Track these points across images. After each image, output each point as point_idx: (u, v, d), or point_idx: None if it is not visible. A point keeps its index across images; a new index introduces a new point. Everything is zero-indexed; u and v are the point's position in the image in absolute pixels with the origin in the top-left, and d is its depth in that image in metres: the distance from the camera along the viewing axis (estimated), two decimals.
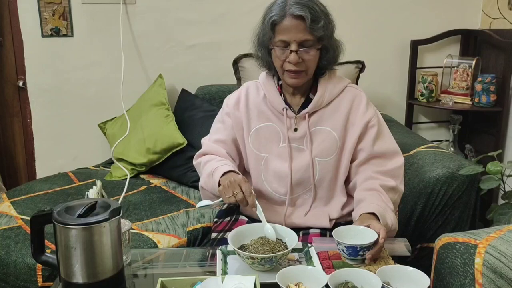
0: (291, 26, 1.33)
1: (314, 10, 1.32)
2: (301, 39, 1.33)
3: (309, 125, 1.41)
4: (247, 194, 1.28)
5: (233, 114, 1.49)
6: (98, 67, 2.47)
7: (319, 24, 1.32)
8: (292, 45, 1.34)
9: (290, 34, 1.33)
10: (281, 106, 1.43)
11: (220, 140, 1.51)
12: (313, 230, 1.43)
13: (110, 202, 1.11)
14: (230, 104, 1.51)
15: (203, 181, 1.47)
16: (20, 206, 1.88)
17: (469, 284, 1.01)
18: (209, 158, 1.48)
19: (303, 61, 1.35)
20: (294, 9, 1.31)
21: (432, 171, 1.60)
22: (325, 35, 1.35)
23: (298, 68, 1.36)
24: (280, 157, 1.43)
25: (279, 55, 1.37)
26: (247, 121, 1.47)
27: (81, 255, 1.04)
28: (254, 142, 1.46)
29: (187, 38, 2.49)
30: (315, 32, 1.32)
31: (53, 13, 2.39)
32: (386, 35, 2.57)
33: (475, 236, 1.07)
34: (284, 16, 1.33)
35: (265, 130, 1.46)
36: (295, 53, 1.33)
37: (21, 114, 2.51)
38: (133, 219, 1.78)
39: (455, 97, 2.47)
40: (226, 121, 1.51)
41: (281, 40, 1.35)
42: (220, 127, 1.52)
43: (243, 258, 1.19)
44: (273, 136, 1.45)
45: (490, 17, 2.52)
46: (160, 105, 2.30)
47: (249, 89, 1.52)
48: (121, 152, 2.25)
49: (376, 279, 1.05)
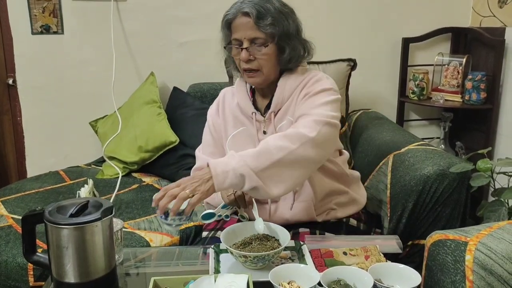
0: (241, 24, 1.35)
1: (263, 7, 1.33)
2: (251, 37, 1.35)
3: (274, 124, 1.43)
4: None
5: (215, 122, 1.54)
6: (89, 64, 2.45)
7: (265, 21, 1.33)
8: (244, 42, 1.36)
9: (240, 32, 1.36)
10: (250, 111, 1.46)
11: (213, 153, 1.54)
12: (302, 229, 1.43)
13: (102, 202, 1.10)
14: (213, 114, 1.56)
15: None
16: (11, 205, 1.87)
17: (460, 281, 1.02)
18: None
19: (255, 59, 1.37)
20: (243, 6, 1.34)
21: (423, 168, 1.61)
22: (277, 32, 1.35)
23: (251, 66, 1.37)
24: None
25: (234, 54, 1.40)
26: (225, 128, 1.51)
27: (73, 254, 1.04)
28: (232, 148, 1.47)
29: (179, 36, 2.48)
30: (262, 29, 1.34)
31: (43, 10, 2.37)
32: (378, 33, 2.58)
33: (465, 234, 1.08)
34: (236, 14, 1.36)
35: (241, 135, 1.48)
36: (245, 50, 1.36)
37: (11, 112, 2.49)
38: (125, 218, 1.77)
39: (446, 94, 2.48)
40: (213, 132, 1.54)
41: (235, 39, 1.38)
42: (209, 139, 1.56)
43: (235, 256, 1.19)
44: (248, 140, 1.47)
45: (480, 15, 2.54)
46: (152, 103, 2.29)
47: (225, 95, 1.56)
48: (112, 151, 2.24)
49: (368, 276, 1.06)
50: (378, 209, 1.74)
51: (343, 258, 1.23)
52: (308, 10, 2.49)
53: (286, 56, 1.39)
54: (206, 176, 1.16)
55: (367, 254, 1.24)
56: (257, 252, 1.18)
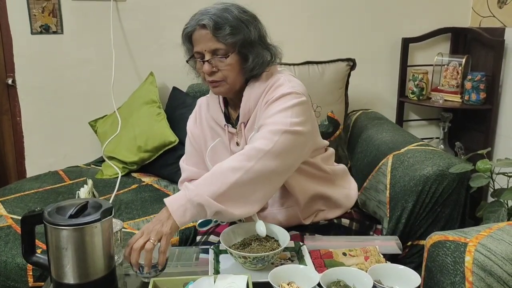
0: (200, 36, 1.32)
1: (221, 17, 1.29)
2: (211, 48, 1.31)
3: (245, 135, 1.40)
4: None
5: (194, 134, 1.53)
6: (88, 64, 2.45)
7: (224, 31, 1.29)
8: (206, 55, 1.33)
9: (200, 45, 1.33)
10: (222, 123, 1.44)
11: (197, 163, 1.53)
12: (292, 231, 1.43)
13: (102, 202, 1.10)
14: (190, 126, 1.55)
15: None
16: (10, 205, 1.86)
17: (460, 282, 1.02)
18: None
19: (219, 71, 1.33)
20: (201, 18, 1.31)
21: (422, 169, 1.61)
22: (237, 41, 1.31)
23: (215, 78, 1.34)
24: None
25: (198, 68, 1.38)
26: (204, 139, 1.50)
27: (72, 255, 1.04)
28: (211, 160, 1.47)
29: (178, 36, 2.42)
30: (221, 39, 1.30)
31: (43, 10, 2.36)
32: (377, 33, 2.58)
33: (465, 235, 1.08)
34: (195, 27, 1.33)
35: (218, 146, 1.47)
36: (207, 62, 1.32)
37: (11, 112, 2.49)
38: (124, 218, 1.77)
39: (445, 95, 2.48)
40: (193, 143, 1.54)
41: (197, 52, 1.35)
42: (191, 150, 1.55)
43: (235, 257, 1.19)
44: (225, 151, 1.46)
45: (480, 15, 2.54)
46: (151, 103, 2.29)
47: (201, 106, 1.55)
48: (112, 151, 2.23)
49: (367, 277, 1.06)
50: (377, 210, 1.74)
51: (343, 259, 1.23)
52: (307, 11, 2.50)
53: (249, 64, 1.34)
54: (164, 216, 1.16)
55: (366, 255, 1.24)
56: (256, 253, 1.18)
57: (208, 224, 1.38)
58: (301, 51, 2.38)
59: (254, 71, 1.36)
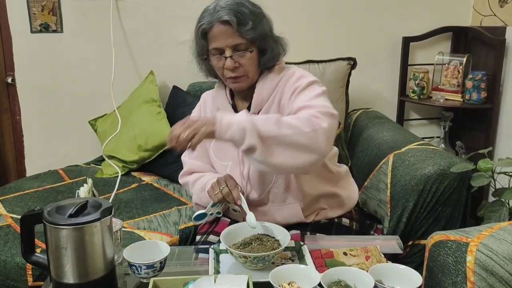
0: (220, 33, 1.32)
1: (240, 12, 1.30)
2: (233, 44, 1.32)
3: None
4: (231, 188, 1.29)
5: None
6: (88, 63, 2.45)
7: (247, 26, 1.30)
8: (226, 51, 1.33)
9: (221, 41, 1.32)
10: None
11: (199, 156, 1.53)
12: (293, 231, 1.43)
13: (101, 202, 1.10)
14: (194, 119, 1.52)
15: (196, 197, 1.49)
16: (10, 204, 1.86)
17: (461, 282, 1.02)
18: (198, 176, 1.51)
19: (240, 66, 1.34)
20: (220, 14, 1.30)
21: (423, 168, 1.61)
22: (256, 36, 1.33)
23: (237, 73, 1.35)
24: (241, 163, 1.44)
25: (216, 64, 1.37)
26: None
27: (72, 255, 1.04)
28: (215, 152, 1.47)
29: (178, 34, 2.47)
30: (245, 34, 1.31)
31: (42, 8, 2.36)
32: (378, 32, 2.58)
33: (466, 234, 1.07)
34: (212, 23, 1.32)
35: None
36: (230, 58, 1.33)
37: (10, 111, 2.48)
38: (124, 217, 1.77)
39: (446, 94, 2.48)
40: None
41: (215, 48, 1.34)
42: None
43: (235, 257, 1.19)
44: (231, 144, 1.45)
45: (481, 14, 2.53)
46: (151, 102, 2.28)
47: (206, 100, 1.55)
48: (112, 150, 2.23)
49: (368, 277, 1.05)
50: (378, 209, 1.74)
51: (344, 258, 1.23)
52: (308, 10, 2.49)
53: (266, 57, 1.37)
54: (211, 121, 1.15)
55: (367, 255, 1.24)
56: (257, 252, 1.17)
57: (203, 217, 1.37)
58: (301, 50, 2.37)
59: (268, 64, 1.39)
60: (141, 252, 1.19)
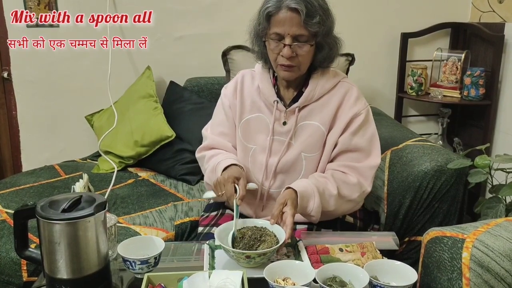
0: (285, 19, 1.30)
1: (311, 4, 1.28)
2: (295, 33, 1.30)
3: (297, 120, 1.40)
4: (227, 195, 1.28)
5: (232, 103, 1.48)
6: (84, 58, 2.43)
7: (314, 19, 1.29)
8: (286, 38, 1.31)
9: (284, 27, 1.31)
10: (272, 98, 1.42)
11: (224, 133, 1.50)
12: (300, 225, 1.42)
13: (95, 196, 1.09)
14: (229, 94, 1.50)
15: (207, 176, 1.47)
16: (5, 199, 1.85)
17: (457, 278, 1.01)
18: (214, 153, 1.48)
19: (296, 56, 1.33)
20: (290, 1, 1.28)
21: (420, 164, 1.60)
22: (320, 31, 1.31)
23: (291, 62, 1.33)
24: (266, 150, 1.43)
25: (273, 48, 1.35)
26: (240, 110, 1.46)
27: (65, 250, 1.03)
28: (243, 132, 1.45)
29: (175, 30, 2.46)
30: (309, 27, 1.29)
31: (38, 2, 2.34)
32: (376, 28, 2.57)
33: (462, 231, 1.07)
34: (279, 8, 1.30)
35: (255, 121, 1.45)
36: (288, 47, 1.31)
37: (6, 106, 2.47)
38: (120, 213, 1.76)
39: (444, 90, 2.47)
40: (228, 112, 1.49)
41: (275, 33, 1.32)
42: (223, 119, 1.51)
43: (230, 254, 1.18)
44: (262, 128, 1.44)
45: (480, 11, 2.52)
46: (148, 97, 2.27)
47: (244, 77, 1.51)
48: (108, 145, 2.22)
49: (363, 273, 1.05)
50: (375, 205, 1.73)
51: (339, 254, 1.22)
52: None
53: (322, 54, 1.36)
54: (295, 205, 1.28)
55: (363, 251, 1.23)
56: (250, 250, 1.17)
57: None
58: None
59: (323, 63, 1.39)
60: (136, 248, 1.19)
